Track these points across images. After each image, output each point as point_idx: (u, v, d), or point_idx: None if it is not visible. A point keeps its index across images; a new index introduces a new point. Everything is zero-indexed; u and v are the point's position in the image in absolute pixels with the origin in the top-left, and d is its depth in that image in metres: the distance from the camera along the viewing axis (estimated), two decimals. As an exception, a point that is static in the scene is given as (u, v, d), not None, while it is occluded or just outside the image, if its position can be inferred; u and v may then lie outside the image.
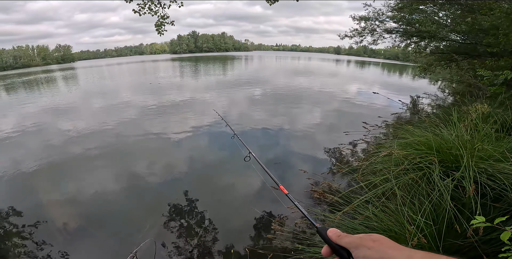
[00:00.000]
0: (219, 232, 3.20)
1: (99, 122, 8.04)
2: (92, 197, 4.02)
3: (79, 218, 3.51)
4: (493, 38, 5.17)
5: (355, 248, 0.46)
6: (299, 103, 10.43)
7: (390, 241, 0.45)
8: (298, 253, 2.29)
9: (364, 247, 0.45)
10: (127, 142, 6.39)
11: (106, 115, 9.04)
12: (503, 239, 1.13)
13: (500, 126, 2.33)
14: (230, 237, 3.09)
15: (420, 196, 1.98)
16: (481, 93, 3.76)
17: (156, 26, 6.90)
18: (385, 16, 9.45)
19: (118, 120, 8.29)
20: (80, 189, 4.25)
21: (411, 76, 24.56)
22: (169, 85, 16.39)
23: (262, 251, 2.64)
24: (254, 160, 1.74)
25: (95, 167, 5.04)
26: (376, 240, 0.45)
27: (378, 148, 3.13)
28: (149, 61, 58.71)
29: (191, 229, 3.27)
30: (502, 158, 1.94)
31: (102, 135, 6.90)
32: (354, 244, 0.46)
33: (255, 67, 36.62)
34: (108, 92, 14.79)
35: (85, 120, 8.47)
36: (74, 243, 3.07)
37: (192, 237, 3.12)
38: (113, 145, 6.18)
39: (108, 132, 7.13)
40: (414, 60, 13.71)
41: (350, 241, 0.48)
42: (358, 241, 0.46)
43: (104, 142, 6.36)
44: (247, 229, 3.23)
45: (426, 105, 9.06)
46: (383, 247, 0.43)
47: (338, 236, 0.51)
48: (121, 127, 7.52)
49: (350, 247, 0.47)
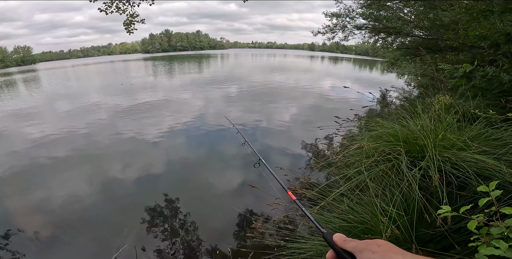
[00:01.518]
0: (201, 233, 3.14)
1: (67, 126, 7.54)
2: (65, 203, 3.82)
3: (52, 226, 3.35)
4: (453, 33, 5.47)
5: (359, 252, 0.47)
6: (275, 100, 10.50)
7: (394, 247, 0.46)
8: (280, 249, 2.28)
9: (368, 251, 0.45)
10: (99, 145, 6.07)
11: (74, 118, 8.50)
12: (470, 228, 1.13)
13: (462, 116, 2.46)
14: (213, 238, 3.05)
15: (391, 187, 2.03)
16: (443, 86, 3.98)
17: (125, 25, 6.55)
18: (355, 12, 9.75)
19: (87, 123, 7.84)
20: (50, 196, 4.02)
21: (380, 70, 25.66)
22: (142, 85, 15.75)
23: (245, 250, 2.62)
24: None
25: (66, 173, 4.77)
26: (381, 245, 0.46)
27: (351, 141, 3.19)
28: (119, 61, 56.04)
29: (173, 231, 3.18)
30: (464, 146, 2.03)
31: (71, 139, 6.49)
32: (359, 249, 0.47)
33: (231, 64, 36.38)
34: (75, 95, 13.90)
35: (51, 124, 7.91)
36: (49, 252, 2.93)
37: (174, 239, 3.04)
38: (84, 149, 5.84)
39: (77, 136, 6.72)
40: (383, 55, 14.31)
41: (355, 246, 0.48)
42: (363, 246, 0.47)
43: (75, 146, 6.00)
44: (229, 228, 3.20)
45: (394, 98, 9.51)
46: (387, 252, 0.44)
47: (344, 240, 0.52)
48: (92, 130, 7.13)
49: (355, 251, 0.48)
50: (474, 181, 1.75)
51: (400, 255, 0.44)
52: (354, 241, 0.50)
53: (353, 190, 2.25)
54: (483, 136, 2.22)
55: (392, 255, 0.44)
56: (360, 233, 1.96)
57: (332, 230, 2.19)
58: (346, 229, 2.07)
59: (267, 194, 3.34)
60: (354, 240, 0.50)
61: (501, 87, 3.37)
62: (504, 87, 3.34)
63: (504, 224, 1.11)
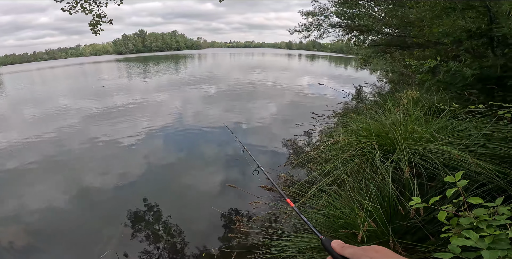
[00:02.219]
0: (185, 236, 3.08)
1: (35, 133, 7.02)
2: (39, 212, 3.63)
3: (29, 235, 3.19)
4: (418, 30, 5.75)
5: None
6: (253, 98, 10.51)
7: (392, 253, 0.46)
8: (265, 248, 2.27)
9: (366, 257, 0.46)
10: (72, 152, 5.73)
11: (43, 125, 7.94)
12: (440, 219, 1.15)
13: (428, 109, 2.58)
14: (197, 240, 2.99)
15: (366, 180, 2.08)
16: (412, 81, 4.17)
17: (91, 25, 6.21)
18: (330, 11, 9.97)
19: (57, 129, 7.36)
20: (22, 206, 3.80)
21: (355, 67, 26.50)
22: (115, 88, 15.10)
23: (231, 250, 2.60)
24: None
25: (39, 182, 4.50)
26: (378, 251, 0.46)
27: (328, 136, 3.24)
28: (90, 63, 53.38)
29: (155, 236, 3.08)
30: (431, 138, 2.12)
31: (41, 147, 6.07)
32: (357, 255, 0.47)
33: (209, 65, 35.92)
34: (42, 99, 13.03)
35: (17, 131, 7.36)
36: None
37: (157, 243, 2.95)
38: (55, 156, 5.50)
39: (47, 143, 6.30)
40: (356, 53, 14.78)
41: (353, 252, 0.49)
42: (361, 252, 0.47)
43: (45, 154, 5.64)
44: (213, 229, 3.16)
45: (368, 93, 9.85)
46: (385, 258, 0.44)
47: (342, 247, 0.52)
48: (63, 136, 6.73)
49: (353, 257, 0.48)
50: (442, 171, 1.81)
51: None
52: (352, 247, 0.50)
53: (331, 186, 2.28)
54: (448, 128, 2.33)
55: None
56: (339, 227, 1.98)
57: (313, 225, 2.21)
58: (326, 224, 2.08)
59: (248, 193, 3.34)
60: (352, 246, 0.51)
61: (464, 81, 3.58)
62: (467, 81, 3.54)
63: (472, 214, 1.13)
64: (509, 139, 2.12)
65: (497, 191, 1.73)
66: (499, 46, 3.63)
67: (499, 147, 2.02)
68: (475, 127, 2.30)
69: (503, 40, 3.52)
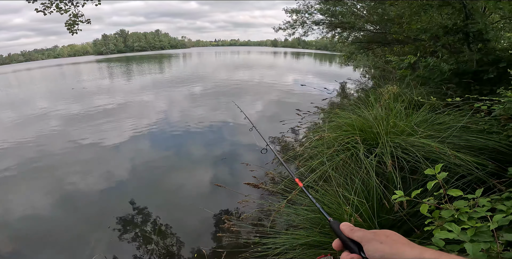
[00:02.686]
0: (175, 237, 3.03)
1: (14, 138, 6.68)
2: (23, 218, 3.51)
3: (11, 242, 3.09)
4: (398, 27, 5.90)
5: (366, 242, 0.46)
6: (240, 97, 10.46)
7: (402, 238, 0.45)
8: (256, 246, 2.25)
9: (376, 241, 0.45)
10: (52, 154, 5.52)
11: (21, 129, 7.57)
12: (423, 211, 1.15)
13: (408, 103, 2.64)
14: (187, 241, 2.95)
15: (352, 175, 2.10)
16: (392, 76, 4.27)
17: (67, 25, 5.97)
18: (314, 8, 10.06)
19: (38, 132, 7.05)
20: (5, 211, 3.67)
21: (339, 64, 26.90)
22: (96, 89, 14.60)
23: (222, 250, 2.58)
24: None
25: (21, 187, 4.33)
26: (389, 236, 0.45)
27: (313, 133, 3.27)
28: (68, 64, 51.30)
29: (145, 238, 3.02)
30: (412, 132, 2.18)
31: (21, 152, 5.81)
32: (367, 238, 0.46)
33: (194, 63, 35.47)
34: (20, 102, 12.41)
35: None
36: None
37: (147, 246, 2.89)
38: (37, 161, 5.28)
39: (27, 148, 6.03)
40: (340, 50, 14.99)
41: (363, 235, 0.48)
42: (370, 236, 0.46)
43: (26, 158, 5.42)
44: (203, 230, 3.12)
45: (352, 89, 10.02)
46: (395, 243, 0.44)
47: (351, 230, 0.50)
48: (44, 140, 6.46)
49: (362, 241, 0.47)
50: (423, 164, 1.86)
51: (408, 247, 0.43)
52: (361, 230, 0.49)
53: (318, 181, 2.29)
54: (428, 121, 2.40)
55: (400, 246, 0.43)
56: (327, 223, 2.00)
57: (301, 222, 2.22)
58: (315, 221, 2.10)
59: (236, 192, 3.32)
60: (361, 229, 0.49)
61: (442, 76, 3.70)
62: (445, 75, 3.66)
63: (453, 207, 1.14)
64: (486, 131, 2.20)
65: (477, 182, 1.77)
66: (474, 42, 3.77)
67: (477, 138, 2.10)
68: (453, 120, 2.38)
69: (478, 35, 3.66)
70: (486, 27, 3.55)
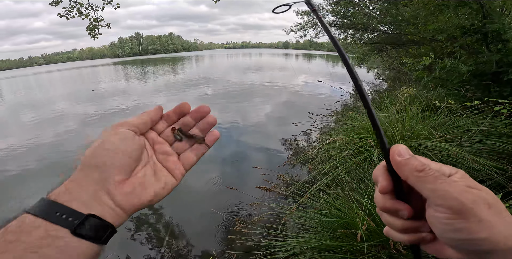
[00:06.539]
0: (187, 238, 3.05)
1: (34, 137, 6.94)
2: None
3: None
4: (413, 27, 5.76)
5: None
6: (251, 98, 10.46)
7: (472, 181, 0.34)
8: (266, 249, 2.26)
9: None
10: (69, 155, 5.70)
11: (43, 129, 7.88)
12: None
13: (425, 106, 2.57)
14: (200, 242, 2.96)
15: (365, 179, 2.07)
16: (408, 78, 4.17)
17: (89, 29, 6.23)
18: (325, 10, 10.00)
19: (59, 133, 7.30)
20: (22, 205, 3.74)
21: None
22: (113, 91, 15.05)
23: (232, 252, 2.56)
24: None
25: (39, 184, 4.42)
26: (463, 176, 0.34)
27: (326, 136, 3.23)
28: (87, 67, 53.15)
29: (158, 239, 3.05)
30: (429, 135, 2.12)
31: (41, 151, 6.01)
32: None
33: (206, 66, 35.92)
34: (42, 104, 12.95)
35: (16, 137, 7.27)
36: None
37: (160, 246, 2.92)
38: (55, 159, 5.47)
39: (47, 147, 6.26)
40: (352, 51, 14.80)
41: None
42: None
43: (45, 157, 5.61)
44: (214, 231, 3.10)
45: (366, 91, 9.81)
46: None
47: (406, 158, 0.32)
48: (65, 140, 6.68)
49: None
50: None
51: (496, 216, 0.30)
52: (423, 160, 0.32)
53: (330, 185, 2.27)
54: (445, 124, 2.33)
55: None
56: (338, 227, 1.98)
57: (312, 225, 2.20)
58: (325, 224, 2.08)
59: (247, 195, 3.32)
60: (418, 157, 0.32)
61: (460, 77, 3.59)
62: (463, 77, 3.55)
63: None
64: (506, 134, 2.12)
65: (496, 187, 1.72)
66: (493, 42, 3.64)
67: (497, 142, 2.02)
68: (472, 123, 2.30)
69: (497, 35, 3.53)
70: (505, 27, 3.42)
